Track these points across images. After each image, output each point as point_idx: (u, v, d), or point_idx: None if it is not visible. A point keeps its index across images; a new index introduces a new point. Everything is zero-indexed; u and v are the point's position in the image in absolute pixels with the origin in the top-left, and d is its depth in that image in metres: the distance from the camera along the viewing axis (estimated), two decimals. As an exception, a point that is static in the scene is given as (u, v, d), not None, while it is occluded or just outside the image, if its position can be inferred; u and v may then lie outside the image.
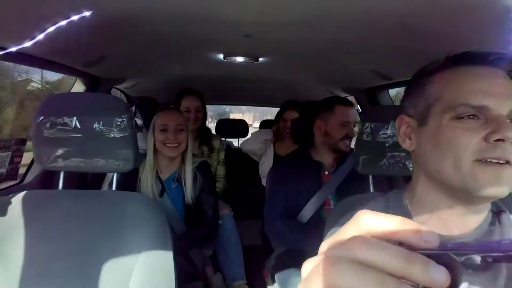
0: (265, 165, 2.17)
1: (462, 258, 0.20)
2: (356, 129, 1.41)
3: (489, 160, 0.51)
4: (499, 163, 0.50)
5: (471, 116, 0.53)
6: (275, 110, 2.46)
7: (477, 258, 0.20)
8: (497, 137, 0.50)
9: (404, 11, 0.84)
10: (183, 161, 1.49)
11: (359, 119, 1.47)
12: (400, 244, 0.21)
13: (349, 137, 1.42)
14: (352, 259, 0.20)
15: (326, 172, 1.48)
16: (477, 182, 0.51)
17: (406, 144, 0.62)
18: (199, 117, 2.01)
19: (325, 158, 1.48)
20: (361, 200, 0.72)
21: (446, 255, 0.20)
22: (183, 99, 1.99)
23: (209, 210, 1.50)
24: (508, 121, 0.52)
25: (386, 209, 0.65)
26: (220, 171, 2.10)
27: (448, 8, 0.78)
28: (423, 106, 0.59)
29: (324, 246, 0.23)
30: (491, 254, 0.20)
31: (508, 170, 0.51)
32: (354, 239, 0.21)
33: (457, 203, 0.55)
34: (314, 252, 0.24)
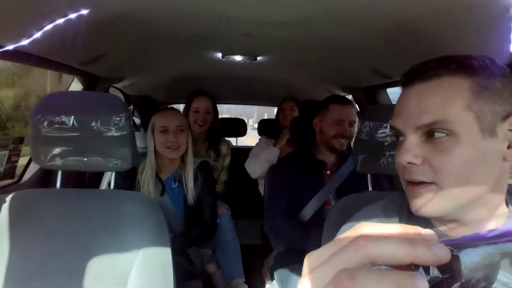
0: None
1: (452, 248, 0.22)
2: (356, 128, 1.41)
3: (409, 180, 0.52)
4: (415, 183, 0.51)
5: (397, 137, 0.55)
6: (262, 109, 2.44)
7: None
8: (398, 161, 0.52)
9: (403, 10, 0.83)
10: (183, 161, 1.48)
11: (357, 119, 1.47)
12: None
13: (342, 135, 1.42)
14: (364, 262, 0.21)
15: (328, 172, 1.48)
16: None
17: None
18: (207, 119, 1.95)
19: (327, 157, 1.49)
20: (359, 200, 0.72)
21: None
22: (194, 99, 1.96)
23: (208, 209, 1.50)
24: (408, 142, 0.51)
25: (385, 213, 0.65)
26: (223, 176, 2.06)
27: (446, 7, 0.78)
28: None
29: (309, 259, 0.23)
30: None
31: (420, 191, 0.51)
32: (357, 239, 0.21)
33: None
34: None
